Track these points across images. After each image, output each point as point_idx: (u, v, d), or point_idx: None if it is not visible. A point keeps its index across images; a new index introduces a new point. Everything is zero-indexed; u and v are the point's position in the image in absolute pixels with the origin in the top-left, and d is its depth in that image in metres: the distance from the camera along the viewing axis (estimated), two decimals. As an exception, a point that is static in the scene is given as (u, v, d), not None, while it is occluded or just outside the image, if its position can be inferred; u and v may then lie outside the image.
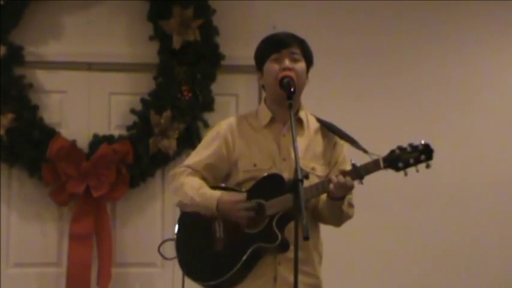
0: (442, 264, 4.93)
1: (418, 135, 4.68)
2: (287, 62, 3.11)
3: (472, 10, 5.08)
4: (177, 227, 3.23)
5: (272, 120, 3.19)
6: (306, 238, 2.68)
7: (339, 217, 3.14)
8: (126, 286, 4.84)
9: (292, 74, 3.09)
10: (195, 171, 3.20)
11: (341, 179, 2.95)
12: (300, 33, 3.24)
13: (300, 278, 2.81)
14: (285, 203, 2.98)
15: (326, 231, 3.25)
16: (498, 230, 4.98)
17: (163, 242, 4.08)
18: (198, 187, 3.13)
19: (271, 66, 3.13)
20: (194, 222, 3.14)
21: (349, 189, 2.99)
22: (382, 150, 2.99)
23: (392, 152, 2.95)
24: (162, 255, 4.06)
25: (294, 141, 2.87)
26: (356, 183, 2.98)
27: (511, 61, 5.17)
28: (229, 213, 3.05)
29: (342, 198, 3.04)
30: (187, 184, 3.16)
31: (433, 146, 2.94)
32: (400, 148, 2.94)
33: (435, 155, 2.94)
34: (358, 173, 2.95)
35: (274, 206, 3.02)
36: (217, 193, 3.10)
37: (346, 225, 3.21)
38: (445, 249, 4.94)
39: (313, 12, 4.98)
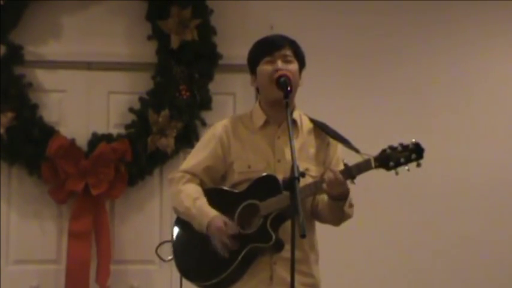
0: (436, 262, 4.95)
1: (412, 133, 4.71)
2: (280, 64, 3.13)
3: (465, 10, 5.10)
4: (175, 229, 3.25)
5: (266, 123, 3.21)
6: (303, 236, 2.71)
7: (340, 217, 3.16)
8: (124, 283, 4.86)
9: (288, 73, 3.12)
10: (193, 176, 3.22)
11: (331, 175, 2.97)
12: (297, 33, 3.28)
13: (296, 277, 2.83)
14: (279, 203, 3.02)
15: (323, 230, 3.28)
16: (492, 227, 5.00)
17: (160, 244, 4.12)
18: (194, 197, 3.15)
19: (265, 69, 3.16)
20: (190, 223, 3.16)
21: (342, 185, 2.99)
22: (376, 149, 3.01)
23: (384, 151, 2.96)
24: (159, 257, 4.11)
25: (290, 140, 2.90)
26: (348, 182, 3.00)
27: (503, 60, 5.19)
28: (213, 238, 3.07)
29: (344, 198, 3.06)
30: (184, 192, 3.18)
31: (423, 144, 2.95)
32: (391, 147, 2.96)
33: (429, 153, 2.97)
34: (350, 172, 2.97)
35: (269, 206, 3.05)
36: (211, 213, 3.10)
37: (342, 224, 3.23)
38: (439, 247, 4.96)
39: (310, 12, 5.00)
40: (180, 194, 3.19)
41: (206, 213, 3.11)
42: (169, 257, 3.29)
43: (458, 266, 4.98)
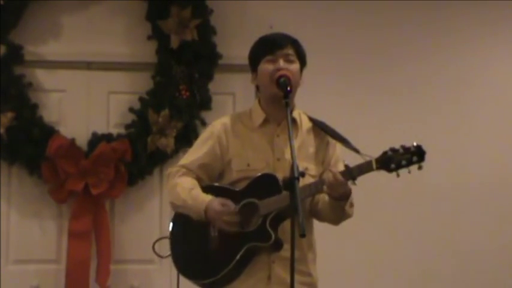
0: (435, 262, 4.96)
1: (411, 132, 4.79)
2: (281, 63, 3.14)
3: (466, 9, 5.12)
4: (171, 225, 3.26)
5: (266, 121, 3.21)
6: (303, 235, 2.72)
7: (340, 216, 3.17)
8: (124, 282, 4.87)
9: (288, 73, 3.12)
10: (189, 170, 3.23)
11: (332, 178, 2.98)
12: (296, 33, 3.27)
13: (295, 276, 2.83)
14: (279, 202, 3.03)
15: (321, 229, 3.28)
16: (492, 227, 5.01)
17: (157, 240, 4.13)
18: (190, 188, 3.16)
19: (266, 67, 3.16)
20: (188, 221, 3.16)
21: (343, 186, 2.99)
22: (375, 147, 3.01)
23: (385, 153, 2.96)
24: (156, 254, 4.11)
25: (290, 139, 2.90)
26: (349, 183, 3.00)
27: (501, 58, 5.21)
28: (214, 222, 3.08)
29: (346, 198, 3.06)
30: (180, 185, 3.18)
31: (425, 146, 2.95)
32: (392, 150, 2.96)
33: (430, 152, 2.97)
34: (351, 173, 2.97)
35: (268, 205, 3.05)
36: (207, 198, 3.11)
37: (341, 224, 3.24)
38: (438, 247, 4.97)
39: (309, 12, 5.01)
40: (176, 187, 3.19)
41: (202, 200, 3.11)
42: (167, 253, 3.28)
43: (458, 266, 4.98)
